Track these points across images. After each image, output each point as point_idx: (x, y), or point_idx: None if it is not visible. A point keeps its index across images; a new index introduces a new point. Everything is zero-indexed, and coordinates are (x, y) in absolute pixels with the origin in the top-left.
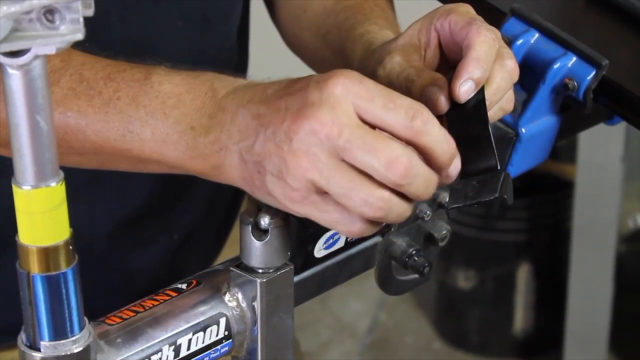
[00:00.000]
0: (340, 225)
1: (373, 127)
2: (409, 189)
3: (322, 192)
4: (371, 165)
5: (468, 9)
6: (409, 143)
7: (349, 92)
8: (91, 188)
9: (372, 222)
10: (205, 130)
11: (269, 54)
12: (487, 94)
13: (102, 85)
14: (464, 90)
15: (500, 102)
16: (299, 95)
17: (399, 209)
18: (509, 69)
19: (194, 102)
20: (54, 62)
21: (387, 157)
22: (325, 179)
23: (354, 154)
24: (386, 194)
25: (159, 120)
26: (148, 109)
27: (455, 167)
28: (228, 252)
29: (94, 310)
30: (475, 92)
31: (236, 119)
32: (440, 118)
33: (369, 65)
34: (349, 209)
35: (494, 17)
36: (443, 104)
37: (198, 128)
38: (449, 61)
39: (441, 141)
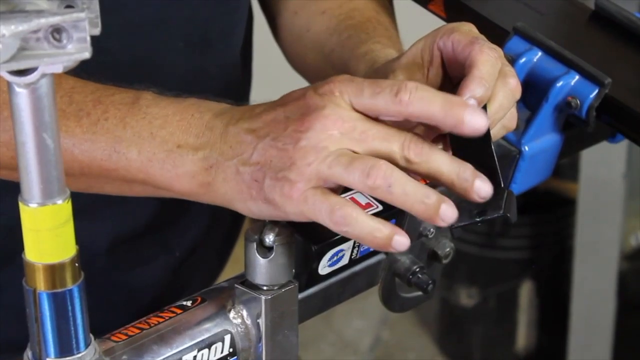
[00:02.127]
0: (337, 223)
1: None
2: (427, 166)
3: (324, 187)
4: (389, 150)
5: (471, 27)
6: (403, 118)
7: (344, 91)
8: (92, 204)
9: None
10: (192, 149)
11: (272, 74)
12: (490, 112)
13: (90, 107)
14: None
15: (502, 120)
16: (297, 104)
17: (405, 185)
18: (511, 87)
19: (181, 123)
20: None
21: (400, 140)
22: (328, 165)
23: (370, 144)
24: (385, 163)
25: (146, 140)
26: (135, 129)
27: (481, 187)
28: (231, 270)
29: (95, 327)
30: None
31: (226, 137)
32: (444, 137)
33: None
34: (355, 187)
35: (497, 36)
36: None
37: (185, 146)
38: (452, 80)
39: (430, 99)
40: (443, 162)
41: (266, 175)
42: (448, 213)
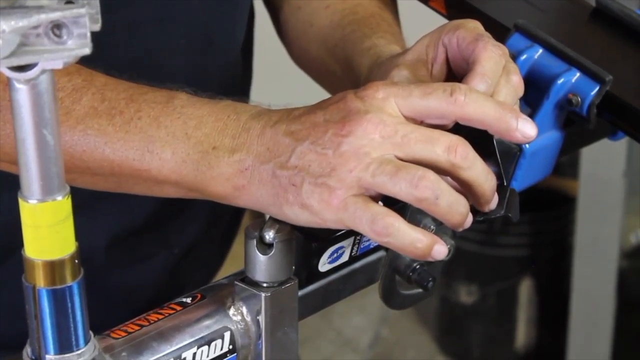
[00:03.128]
0: (377, 232)
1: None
2: (470, 174)
3: (365, 195)
4: (433, 153)
5: (476, 24)
6: (453, 121)
7: (390, 93)
8: (91, 201)
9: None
10: (228, 150)
11: (272, 72)
12: None
13: (123, 105)
14: None
15: None
16: (337, 107)
17: (450, 196)
18: (514, 84)
19: (217, 123)
20: (76, 81)
21: (445, 143)
22: (372, 173)
23: (412, 147)
24: (432, 173)
25: (180, 141)
26: (169, 129)
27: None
28: (230, 267)
29: (94, 325)
30: None
31: (263, 139)
32: None
33: (376, 78)
34: (400, 196)
35: (498, 33)
36: None
37: (221, 148)
38: (456, 76)
39: (484, 101)
40: (482, 172)
41: (304, 180)
42: (470, 220)
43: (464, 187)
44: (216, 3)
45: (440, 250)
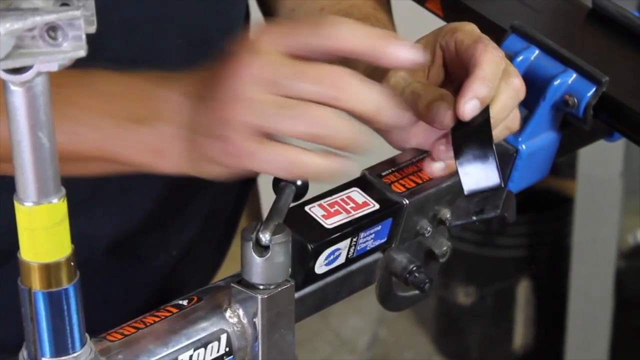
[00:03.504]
0: (285, 169)
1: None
2: (348, 99)
3: (261, 137)
4: (310, 87)
5: (473, 27)
6: (329, 52)
7: (264, 35)
8: (90, 203)
9: (324, 156)
10: (145, 121)
11: None
12: (493, 112)
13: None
14: (469, 108)
15: (505, 121)
16: (220, 60)
17: (347, 128)
18: (515, 87)
19: (131, 96)
20: None
21: (319, 75)
22: (263, 117)
23: (290, 84)
24: (322, 108)
25: (100, 119)
26: (88, 108)
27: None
28: (228, 269)
29: (92, 326)
30: (481, 110)
31: (172, 105)
32: (445, 134)
33: (373, 79)
34: (289, 134)
35: (494, 34)
36: (448, 120)
37: (137, 120)
38: (453, 79)
39: (357, 32)
40: (361, 94)
41: (205, 136)
42: (367, 141)
43: (354, 113)
44: (213, 2)
45: (348, 166)
